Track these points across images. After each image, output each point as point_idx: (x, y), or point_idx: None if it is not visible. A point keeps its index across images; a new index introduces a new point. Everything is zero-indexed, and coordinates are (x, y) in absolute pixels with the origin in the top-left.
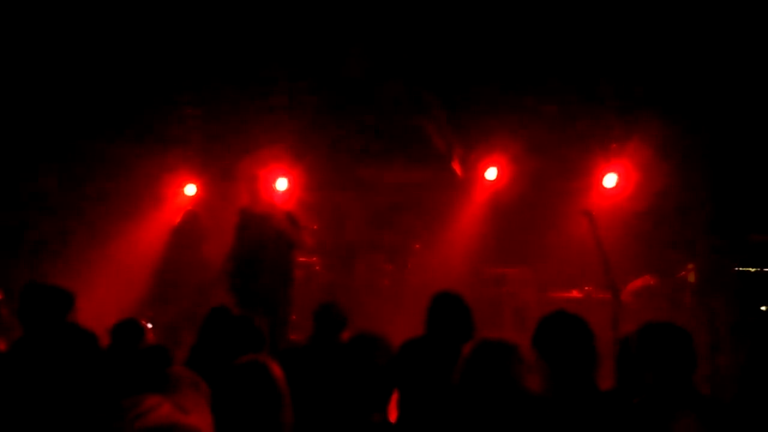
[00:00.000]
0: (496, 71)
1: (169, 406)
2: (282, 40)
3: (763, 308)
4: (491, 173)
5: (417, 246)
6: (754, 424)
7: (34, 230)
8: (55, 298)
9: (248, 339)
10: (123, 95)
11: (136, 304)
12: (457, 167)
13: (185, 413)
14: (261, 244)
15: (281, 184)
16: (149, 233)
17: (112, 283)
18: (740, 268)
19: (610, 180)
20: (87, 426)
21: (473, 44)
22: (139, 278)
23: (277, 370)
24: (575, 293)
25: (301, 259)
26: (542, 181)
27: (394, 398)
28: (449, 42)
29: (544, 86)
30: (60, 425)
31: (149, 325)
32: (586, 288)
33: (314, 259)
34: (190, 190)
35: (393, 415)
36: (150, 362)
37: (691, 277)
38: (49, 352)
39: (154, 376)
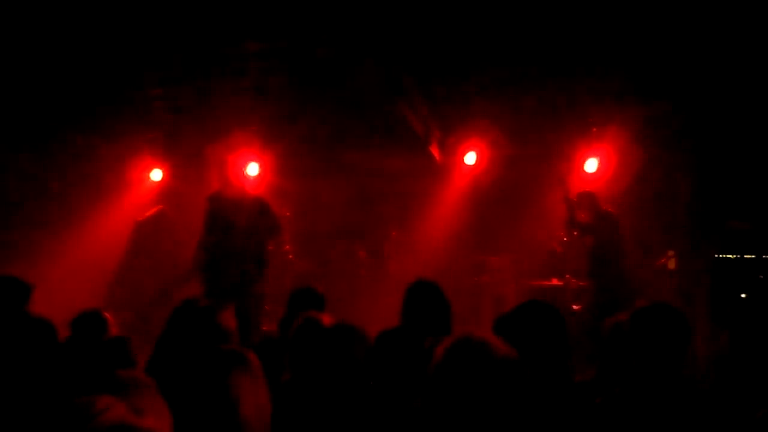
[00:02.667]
0: (474, 55)
1: (123, 408)
2: (253, 17)
3: (743, 295)
4: (470, 158)
5: (394, 233)
6: (733, 410)
7: None
8: (9, 289)
9: (211, 334)
10: (85, 77)
11: (101, 294)
12: (435, 152)
13: (140, 415)
14: (232, 233)
15: (252, 169)
16: (114, 220)
17: (76, 272)
18: (720, 255)
19: (590, 165)
20: (38, 424)
21: (452, 28)
22: (104, 267)
23: (255, 360)
24: (555, 281)
25: (273, 248)
26: (522, 166)
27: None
28: (428, 25)
29: (524, 70)
30: (10, 421)
31: (124, 320)
32: (566, 276)
33: (288, 247)
34: (156, 175)
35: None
36: (108, 357)
37: (671, 264)
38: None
39: (110, 374)
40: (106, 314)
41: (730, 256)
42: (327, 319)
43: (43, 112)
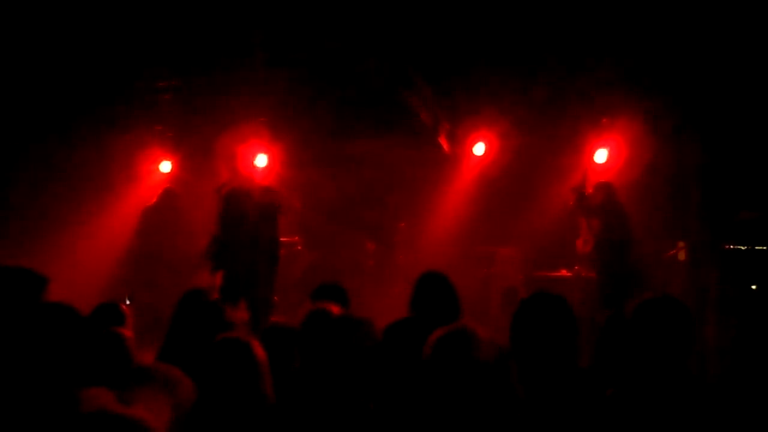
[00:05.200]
0: (484, 45)
1: (109, 398)
2: (259, 10)
3: (754, 287)
4: (479, 149)
5: (402, 224)
6: (742, 401)
7: (6, 210)
8: (25, 282)
9: (216, 326)
10: (94, 69)
11: (113, 284)
12: (443, 142)
13: (128, 405)
14: (243, 224)
15: (261, 160)
16: (125, 212)
17: (86, 264)
18: (731, 246)
19: (600, 155)
20: (28, 413)
21: (461, 18)
22: (115, 259)
23: (259, 349)
24: (564, 272)
25: (283, 238)
26: (531, 157)
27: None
28: (437, 16)
29: (533, 60)
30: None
31: (127, 302)
32: (576, 267)
33: (296, 238)
34: (165, 166)
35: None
36: (103, 350)
37: (682, 255)
38: (16, 337)
39: (111, 366)
40: (124, 307)
41: (741, 247)
42: (336, 310)
43: (53, 104)
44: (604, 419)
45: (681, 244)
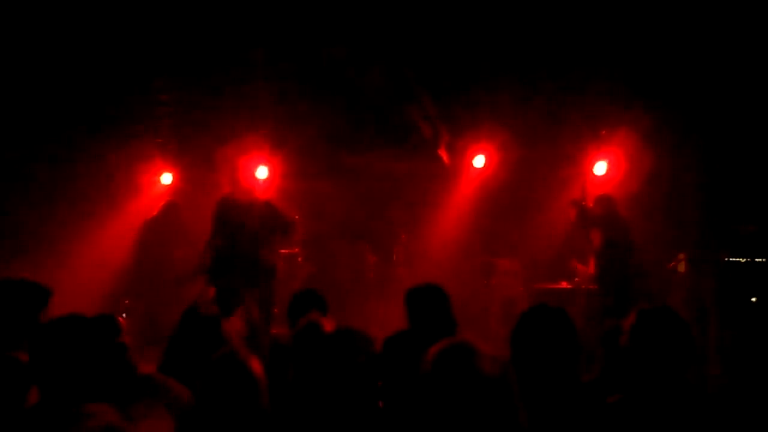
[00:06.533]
0: (483, 58)
1: (113, 414)
2: (262, 22)
3: (753, 299)
4: (479, 161)
5: (403, 236)
6: (741, 413)
7: (7, 222)
8: (29, 294)
9: (213, 342)
10: (96, 82)
11: (113, 296)
12: (443, 155)
13: (132, 422)
14: (241, 236)
15: (261, 172)
16: (125, 224)
17: (87, 276)
18: (730, 259)
19: (600, 168)
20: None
21: (461, 31)
22: (115, 271)
23: (255, 364)
24: (564, 284)
25: (282, 250)
26: (531, 169)
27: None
28: (436, 29)
29: (533, 72)
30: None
31: (123, 315)
32: (576, 279)
33: (296, 250)
34: (166, 178)
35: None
36: (108, 362)
37: (682, 267)
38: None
39: (115, 378)
40: (120, 319)
41: (741, 259)
42: (328, 324)
43: (54, 116)
44: (605, 427)
45: (681, 256)
